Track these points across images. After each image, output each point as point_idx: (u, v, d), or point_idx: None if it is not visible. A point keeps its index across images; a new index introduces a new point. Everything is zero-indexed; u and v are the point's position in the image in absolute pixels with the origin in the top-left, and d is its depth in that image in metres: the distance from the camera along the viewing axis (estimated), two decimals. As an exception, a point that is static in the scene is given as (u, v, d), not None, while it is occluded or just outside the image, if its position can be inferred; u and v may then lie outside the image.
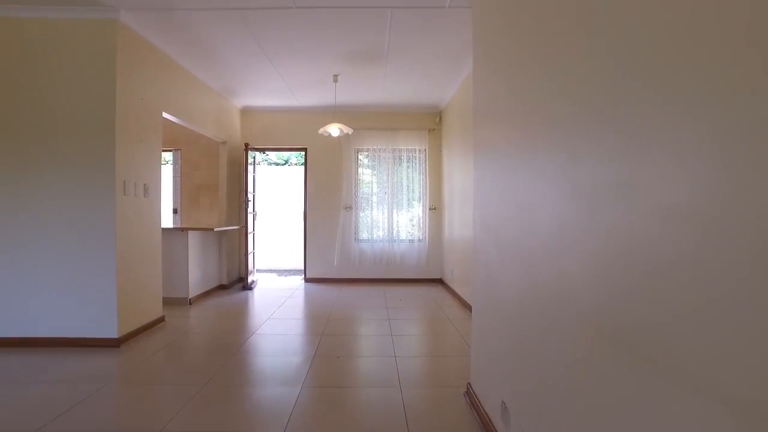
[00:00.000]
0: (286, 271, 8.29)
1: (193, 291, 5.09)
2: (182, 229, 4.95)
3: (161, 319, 4.13)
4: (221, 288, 6.01)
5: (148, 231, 3.90)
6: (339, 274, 6.60)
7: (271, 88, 5.65)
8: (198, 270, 5.27)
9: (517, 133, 1.93)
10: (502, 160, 2.18)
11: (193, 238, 5.09)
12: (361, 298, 5.53)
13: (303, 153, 6.79)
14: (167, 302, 4.77)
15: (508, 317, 2.05)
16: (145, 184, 3.84)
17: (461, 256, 5.16)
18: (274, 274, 7.88)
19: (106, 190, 3.41)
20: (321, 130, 4.97)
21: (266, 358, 3.31)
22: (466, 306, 4.82)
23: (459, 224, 5.31)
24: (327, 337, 3.80)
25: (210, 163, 6.52)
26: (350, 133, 5.02)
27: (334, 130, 4.97)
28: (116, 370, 2.97)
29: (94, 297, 3.40)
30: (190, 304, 4.98)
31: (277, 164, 8.87)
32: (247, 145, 6.07)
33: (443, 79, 5.31)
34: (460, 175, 5.20)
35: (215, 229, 5.30)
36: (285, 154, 9.23)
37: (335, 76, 5.00)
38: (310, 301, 5.41)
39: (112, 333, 3.41)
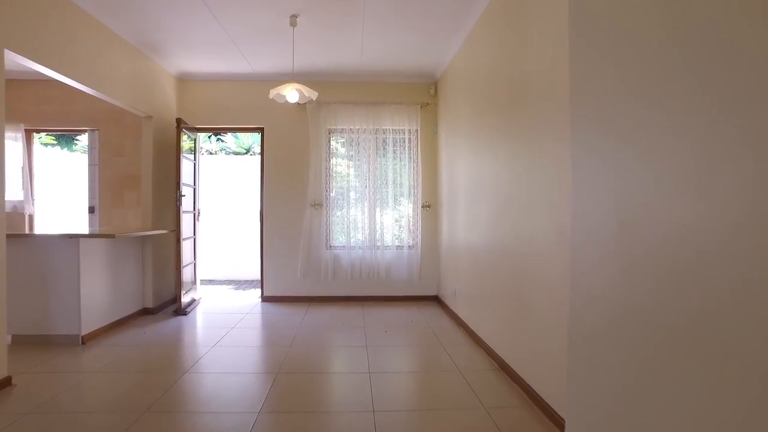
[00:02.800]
0: (246, 282, 6.77)
1: (90, 324, 3.56)
2: (70, 237, 3.40)
3: (6, 382, 2.60)
4: (144, 313, 4.47)
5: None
6: (306, 291, 5.13)
7: (209, 41, 4.13)
8: (100, 293, 3.73)
9: None
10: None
11: (90, 248, 3.55)
12: (333, 328, 4.08)
13: (259, 135, 5.30)
14: (39, 345, 3.24)
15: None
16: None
17: (472, 270, 3.77)
18: (230, 287, 6.37)
19: None
20: (273, 94, 3.49)
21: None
22: (476, 341, 3.44)
23: (467, 227, 3.91)
24: (270, 415, 2.34)
25: (138, 148, 4.96)
26: (314, 98, 3.55)
27: (292, 93, 3.50)
28: None
29: None
30: (83, 343, 3.44)
31: (237, 153, 7.36)
32: (179, 121, 4.53)
33: (439, 37, 3.90)
34: (470, 163, 3.80)
35: (132, 235, 3.77)
36: (246, 141, 7.69)
37: (293, 17, 3.53)
38: (260, 335, 3.94)
39: None
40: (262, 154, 5.22)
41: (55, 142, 8.27)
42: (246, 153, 7.48)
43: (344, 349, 3.49)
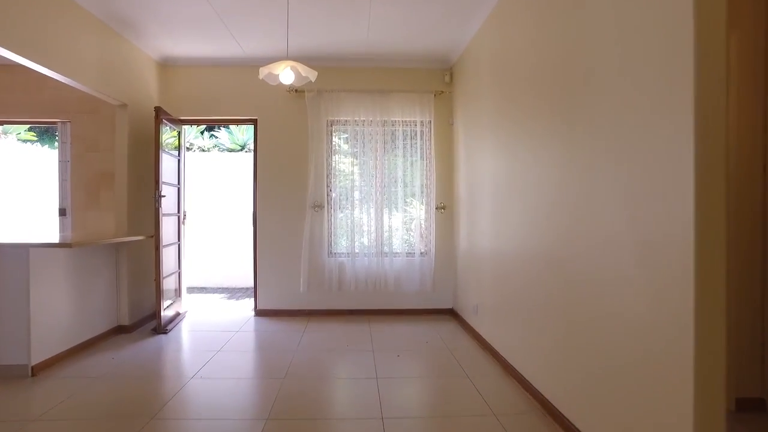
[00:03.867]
0: (240, 291, 6.21)
1: (43, 351, 2.96)
2: (16, 246, 2.81)
3: None
4: (119, 332, 3.88)
5: None
6: (305, 304, 4.53)
7: (192, 18, 3.55)
8: (60, 311, 3.14)
9: None
10: None
11: (45, 259, 2.97)
12: (336, 351, 3.48)
13: (252, 128, 4.71)
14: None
15: None
16: None
17: (499, 283, 3.17)
18: (223, 296, 5.81)
19: None
20: (263, 73, 2.89)
21: None
22: (506, 368, 2.84)
23: (493, 232, 3.32)
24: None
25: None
26: (312, 79, 2.95)
27: (286, 72, 2.91)
28: None
29: None
30: (33, 375, 2.85)
31: (232, 150, 6.77)
32: (158, 111, 3.94)
33: (457, 11, 3.31)
34: (499, 159, 3.21)
35: (100, 243, 3.17)
36: (241, 137, 7.09)
37: (288, -17, 2.95)
38: (249, 361, 3.35)
39: None
40: (255, 149, 4.63)
41: (36, 138, 7.69)
42: (241, 150, 6.89)
43: (349, 382, 2.89)
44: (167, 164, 4.12)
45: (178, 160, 4.50)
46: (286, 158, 4.56)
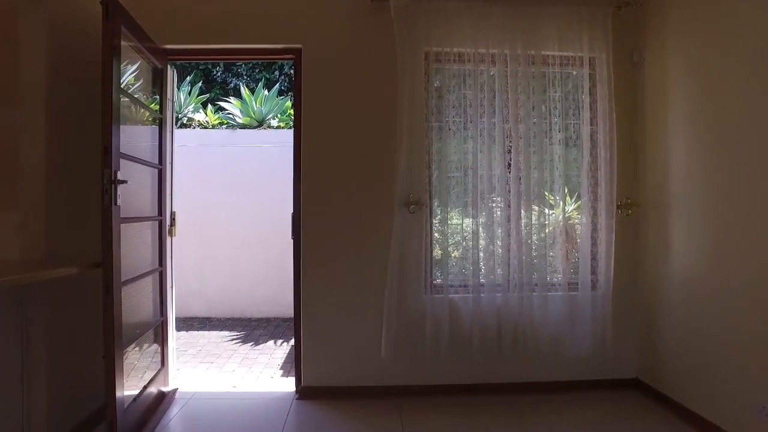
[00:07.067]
0: (260, 323, 4.56)
1: None
2: None
3: None
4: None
5: None
6: (392, 376, 2.56)
7: None
8: None
9: None
10: None
11: None
12: None
13: (290, 66, 2.80)
14: None
15: None
16: None
17: None
18: (236, 336, 3.94)
19: None
20: None
21: None
22: None
23: None
24: None
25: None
26: None
27: None
28: None
29: None
30: None
31: (245, 127, 4.80)
32: (110, 7, 1.87)
33: None
34: None
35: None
36: (260, 109, 4.94)
37: None
38: None
39: None
40: (297, 104, 2.64)
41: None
42: (259, 126, 4.90)
43: None
44: (135, 129, 2.10)
45: (161, 125, 2.48)
46: (352, 121, 2.60)
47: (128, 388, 1.95)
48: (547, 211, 2.64)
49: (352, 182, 2.59)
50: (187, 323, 4.40)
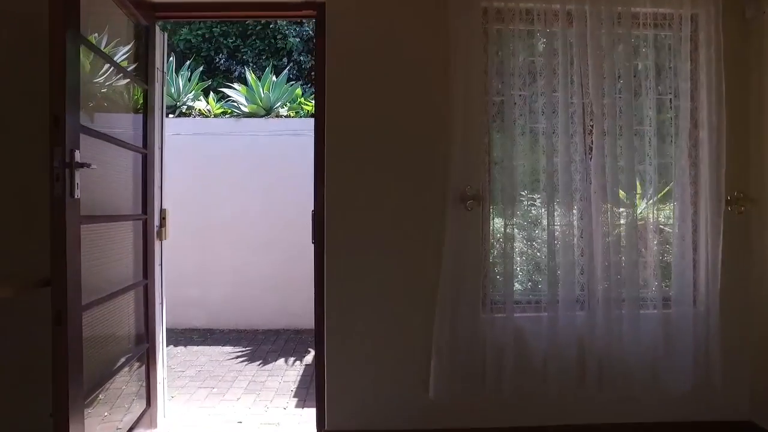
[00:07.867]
0: (268, 335, 4.18)
1: None
2: None
3: None
4: None
5: None
6: (441, 421, 2.02)
7: None
8: None
9: None
10: None
11: None
12: None
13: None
14: None
15: None
16: None
17: None
18: (242, 352, 3.46)
19: None
20: None
21: None
22: None
23: None
24: None
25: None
26: None
27: None
28: None
29: None
30: None
31: (251, 115, 4.27)
32: None
33: None
34: None
35: None
36: (268, 95, 4.42)
37: None
38: None
39: None
40: (320, 76, 2.10)
41: None
42: (266, 114, 4.38)
43: None
44: (109, 99, 1.57)
45: (145, 98, 1.95)
46: (390, 94, 2.06)
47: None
48: (635, 207, 2.09)
49: (390, 171, 2.06)
50: (185, 337, 3.89)
